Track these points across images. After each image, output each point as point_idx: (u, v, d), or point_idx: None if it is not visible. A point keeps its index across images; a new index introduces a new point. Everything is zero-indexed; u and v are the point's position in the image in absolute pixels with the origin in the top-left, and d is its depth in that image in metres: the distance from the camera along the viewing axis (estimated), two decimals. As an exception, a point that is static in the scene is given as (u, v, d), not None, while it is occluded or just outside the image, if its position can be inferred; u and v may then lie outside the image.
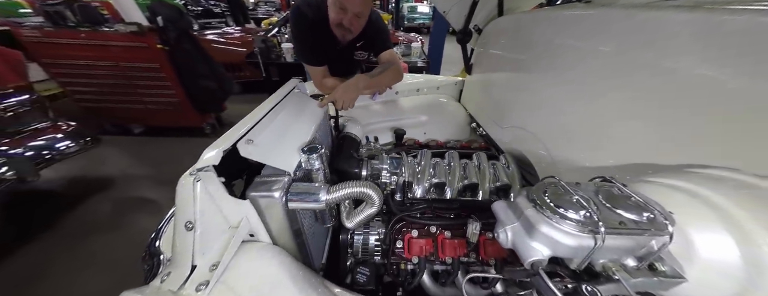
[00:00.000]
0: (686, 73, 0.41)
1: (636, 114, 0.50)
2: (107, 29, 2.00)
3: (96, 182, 2.09)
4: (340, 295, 0.53)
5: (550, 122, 0.76)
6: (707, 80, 0.39)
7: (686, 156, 0.41)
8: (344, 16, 0.97)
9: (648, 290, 0.30)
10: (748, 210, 0.28)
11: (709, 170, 0.35)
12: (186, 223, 0.42)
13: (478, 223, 0.64)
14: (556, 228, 0.29)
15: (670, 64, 0.43)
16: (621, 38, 0.52)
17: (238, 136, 0.50)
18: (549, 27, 0.76)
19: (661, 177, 0.37)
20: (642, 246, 0.30)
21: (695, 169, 0.36)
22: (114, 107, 2.44)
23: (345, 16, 0.97)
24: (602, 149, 0.58)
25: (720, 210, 0.29)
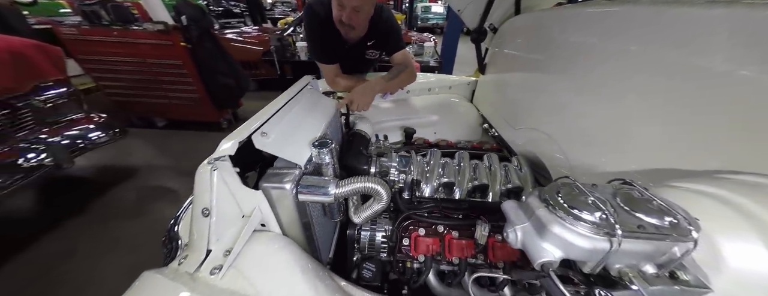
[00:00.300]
0: (720, 74, 0.39)
1: (663, 117, 0.47)
2: (137, 28, 2.13)
3: (122, 171, 2.23)
4: (346, 288, 0.54)
5: (568, 124, 0.73)
6: (744, 81, 0.36)
7: (718, 161, 0.38)
8: (343, 11, 0.97)
9: (669, 298, 0.28)
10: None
11: (744, 176, 0.32)
12: (203, 210, 0.44)
13: (487, 225, 0.62)
14: (568, 229, 0.28)
15: (703, 63, 0.41)
16: (648, 36, 0.50)
17: (254, 129, 0.52)
18: (570, 25, 0.73)
19: (688, 183, 0.35)
20: (663, 253, 0.28)
21: (727, 175, 0.34)
22: (140, 101, 2.59)
23: (343, 12, 0.96)
24: (625, 153, 0.55)
25: (754, 219, 0.27)
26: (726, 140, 0.38)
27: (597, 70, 0.62)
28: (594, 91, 0.64)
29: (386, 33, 1.10)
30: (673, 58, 0.45)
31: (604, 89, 0.61)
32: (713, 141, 0.39)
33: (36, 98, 1.45)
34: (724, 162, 0.37)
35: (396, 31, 1.12)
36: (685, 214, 0.28)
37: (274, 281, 0.42)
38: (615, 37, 0.57)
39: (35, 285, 1.32)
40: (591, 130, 0.65)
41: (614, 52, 0.58)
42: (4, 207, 1.75)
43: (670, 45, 0.46)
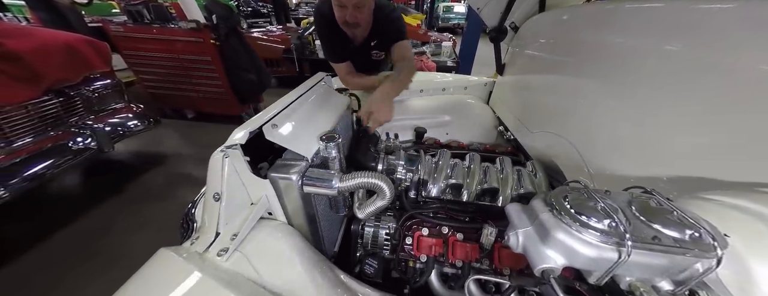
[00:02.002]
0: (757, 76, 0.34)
1: (700, 123, 0.43)
2: (173, 26, 2.30)
3: (153, 157, 2.42)
4: (346, 282, 0.55)
5: (590, 129, 0.69)
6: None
7: (760, 173, 0.34)
8: (345, 12, 0.96)
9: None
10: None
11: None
12: (214, 194, 0.47)
13: (494, 229, 0.60)
14: (573, 236, 0.26)
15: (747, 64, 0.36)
16: (694, 35, 0.45)
17: (265, 120, 0.54)
18: (602, 23, 0.68)
19: (722, 195, 0.31)
20: (682, 269, 0.25)
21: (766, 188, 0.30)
22: (173, 94, 2.80)
23: (346, 12, 0.96)
24: (653, 162, 0.51)
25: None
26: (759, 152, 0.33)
27: (628, 72, 0.58)
28: (622, 94, 0.59)
29: (385, 25, 1.06)
30: (715, 58, 0.40)
31: (634, 92, 0.56)
32: (755, 150, 0.35)
33: (86, 88, 1.61)
34: (755, 174, 0.32)
35: (395, 21, 1.07)
36: (710, 228, 0.25)
37: (275, 267, 0.43)
38: (651, 37, 0.52)
39: (77, 256, 1.48)
40: (616, 135, 0.60)
41: (649, 52, 0.53)
42: (53, 185, 1.98)
43: (711, 44, 0.41)
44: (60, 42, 1.43)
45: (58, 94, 1.51)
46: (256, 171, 0.51)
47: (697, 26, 0.44)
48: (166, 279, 0.38)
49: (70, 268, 1.41)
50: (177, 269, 0.39)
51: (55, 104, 1.50)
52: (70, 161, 1.54)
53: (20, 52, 1.29)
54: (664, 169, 0.48)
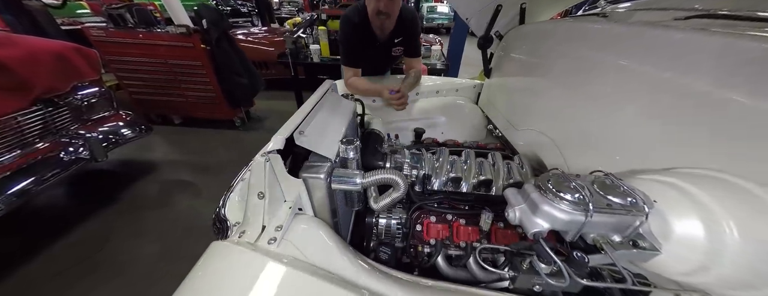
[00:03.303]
0: (684, 88, 0.47)
1: (644, 122, 0.56)
2: (160, 30, 2.26)
3: (145, 165, 2.37)
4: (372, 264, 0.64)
5: (565, 127, 0.82)
6: (699, 94, 0.45)
7: (679, 159, 0.47)
8: (380, 1, 1.12)
9: (629, 259, 0.37)
10: (719, 199, 0.35)
11: (693, 170, 0.41)
12: (258, 193, 0.54)
13: (490, 214, 0.72)
14: (554, 206, 0.37)
15: (670, 78, 0.49)
16: (631, 52, 0.58)
17: (294, 128, 0.62)
18: (568, 37, 0.81)
19: (653, 174, 0.44)
20: (627, 225, 0.37)
21: (684, 169, 0.42)
22: (159, 99, 2.73)
23: (381, 2, 1.12)
24: (613, 154, 0.64)
25: (695, 200, 0.36)
26: (686, 143, 0.46)
27: (589, 80, 0.71)
28: (586, 98, 0.72)
29: (411, 34, 1.29)
30: (650, 73, 0.53)
31: (596, 97, 0.69)
32: (677, 143, 0.48)
33: (75, 97, 1.57)
34: (683, 159, 0.45)
35: (418, 35, 1.32)
36: (643, 196, 0.37)
37: (317, 251, 0.52)
38: (605, 52, 0.66)
39: (79, 266, 1.45)
40: (586, 132, 0.73)
41: (604, 64, 0.66)
42: (42, 197, 1.90)
43: (648, 61, 0.54)
44: (48, 50, 1.40)
45: (47, 103, 1.46)
46: (292, 173, 0.59)
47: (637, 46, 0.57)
48: (233, 265, 0.45)
49: (78, 278, 1.39)
50: (240, 256, 0.46)
51: (44, 114, 1.46)
52: (62, 172, 1.51)
53: (7, 61, 1.25)
54: (616, 157, 0.61)
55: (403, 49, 1.36)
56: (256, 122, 3.25)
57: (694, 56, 0.48)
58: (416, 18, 1.28)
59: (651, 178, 0.43)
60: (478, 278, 0.69)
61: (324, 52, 2.17)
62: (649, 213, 0.36)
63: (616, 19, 0.68)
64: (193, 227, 1.76)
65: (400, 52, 1.37)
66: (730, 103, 0.41)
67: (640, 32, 0.57)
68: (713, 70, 0.45)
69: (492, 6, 1.05)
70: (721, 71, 0.44)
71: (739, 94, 0.41)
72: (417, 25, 1.29)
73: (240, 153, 2.57)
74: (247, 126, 3.11)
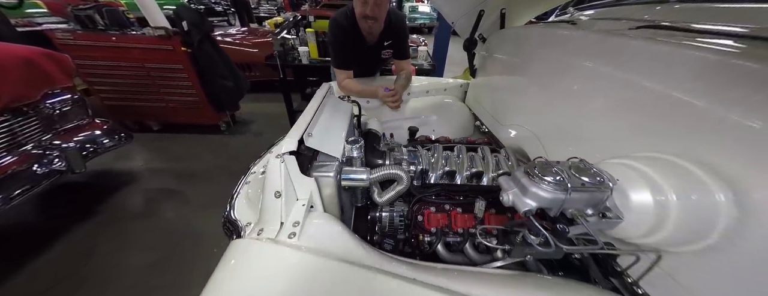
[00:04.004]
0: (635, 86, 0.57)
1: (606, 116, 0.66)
2: (135, 33, 2.14)
3: (124, 175, 2.25)
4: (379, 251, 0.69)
5: (544, 122, 0.92)
6: (647, 90, 0.55)
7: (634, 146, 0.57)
8: (366, 6, 1.15)
9: (599, 228, 0.46)
10: (663, 175, 0.44)
11: (646, 153, 0.50)
12: (275, 193, 0.58)
13: (483, 202, 0.80)
14: (540, 188, 0.45)
15: (626, 77, 0.59)
16: (596, 56, 0.68)
17: (303, 131, 0.65)
18: (543, 42, 0.91)
19: (615, 159, 0.53)
20: (597, 200, 0.45)
21: (638, 153, 0.52)
22: (137, 105, 2.59)
23: (367, 6, 1.15)
24: (584, 143, 0.74)
25: (646, 177, 0.45)
26: (640, 134, 0.56)
27: (562, 79, 0.81)
28: (560, 96, 0.82)
29: (400, 37, 1.33)
30: (610, 73, 0.63)
31: (567, 94, 0.79)
32: (633, 134, 0.58)
33: (46, 105, 1.47)
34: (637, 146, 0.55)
35: (407, 37, 1.37)
36: (608, 176, 0.45)
37: (334, 242, 0.56)
38: (574, 55, 0.76)
39: (65, 282, 1.37)
40: (560, 126, 0.83)
41: (574, 66, 0.76)
42: (21, 212, 1.76)
43: (609, 63, 0.64)
44: (16, 56, 1.30)
45: (15, 113, 1.36)
46: (304, 172, 0.63)
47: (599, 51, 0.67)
48: (261, 259, 0.49)
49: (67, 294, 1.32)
50: (266, 250, 0.50)
51: (11, 125, 1.36)
52: (33, 188, 1.41)
53: (-33, 68, 1.16)
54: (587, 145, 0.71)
55: (392, 52, 1.40)
56: (243, 126, 3.18)
57: (643, 60, 0.58)
58: (404, 21, 1.33)
59: (614, 162, 0.53)
60: (474, 260, 0.77)
61: (313, 54, 2.17)
62: (613, 189, 0.44)
63: (583, 27, 0.78)
64: (186, 236, 1.71)
65: (390, 54, 1.42)
66: (669, 97, 0.51)
67: (602, 39, 0.67)
68: (657, 72, 0.55)
69: (475, 11, 1.14)
70: (662, 72, 0.54)
71: (677, 91, 0.51)
72: (405, 28, 1.34)
73: (228, 159, 2.51)
74: (234, 130, 3.03)
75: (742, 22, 0.58)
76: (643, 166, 0.47)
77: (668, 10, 0.74)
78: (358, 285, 0.46)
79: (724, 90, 0.46)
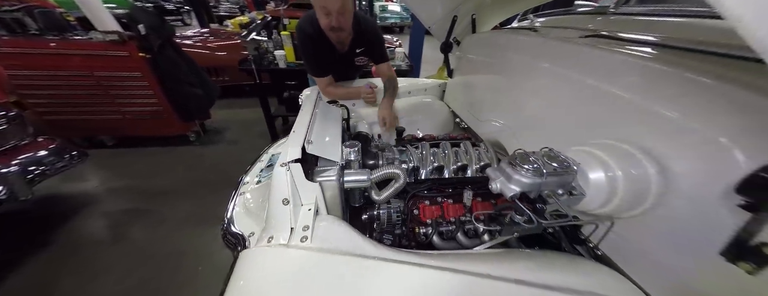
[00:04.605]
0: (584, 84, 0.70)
1: (565, 109, 0.79)
2: (80, 38, 1.90)
3: (80, 198, 2.00)
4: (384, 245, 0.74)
5: (516, 116, 1.04)
6: (596, 89, 0.67)
7: (591, 135, 0.69)
8: (330, 18, 1.09)
9: (568, 204, 0.56)
10: (612, 157, 0.55)
11: (601, 141, 0.62)
12: (282, 200, 0.60)
13: (471, 191, 0.89)
14: (521, 174, 0.54)
15: (577, 78, 0.71)
16: (554, 59, 0.80)
17: (302, 139, 0.68)
18: (511, 46, 1.03)
19: (576, 146, 0.64)
20: (565, 182, 0.55)
21: (592, 141, 0.64)
22: (84, 119, 2.30)
23: (332, 18, 1.09)
24: (549, 132, 0.86)
25: (600, 160, 0.56)
26: (591, 123, 0.69)
27: (529, 79, 0.93)
28: (528, 93, 0.94)
29: (372, 43, 1.28)
30: (567, 74, 0.76)
31: (533, 92, 0.91)
32: (586, 123, 0.70)
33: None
34: (589, 133, 0.67)
35: (382, 42, 1.31)
36: (572, 161, 0.56)
37: (343, 241, 0.60)
38: (536, 58, 0.88)
39: None
40: (530, 120, 0.96)
41: (538, 67, 0.88)
42: None
43: (565, 66, 0.77)
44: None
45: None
46: (308, 178, 0.66)
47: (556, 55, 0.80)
48: (278, 264, 0.51)
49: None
50: (282, 256, 0.52)
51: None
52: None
53: None
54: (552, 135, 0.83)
55: (366, 59, 1.38)
56: (215, 134, 2.98)
57: (589, 63, 0.70)
58: (375, 26, 1.28)
59: (575, 149, 0.64)
60: (465, 245, 0.86)
61: (290, 58, 2.12)
62: (576, 171, 0.55)
63: (543, 34, 0.91)
64: (167, 256, 1.59)
65: (364, 61, 1.40)
66: (611, 94, 0.64)
67: (559, 46, 0.79)
68: (600, 73, 0.68)
69: (449, 16, 1.23)
70: (604, 73, 0.67)
71: (615, 88, 0.64)
72: (377, 33, 1.29)
73: (203, 170, 2.35)
74: (205, 139, 2.84)
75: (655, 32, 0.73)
76: (596, 151, 0.58)
77: (606, 21, 0.90)
78: (375, 273, 0.50)
79: (647, 87, 0.59)
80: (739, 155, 0.43)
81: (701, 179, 0.47)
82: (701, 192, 0.47)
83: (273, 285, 0.49)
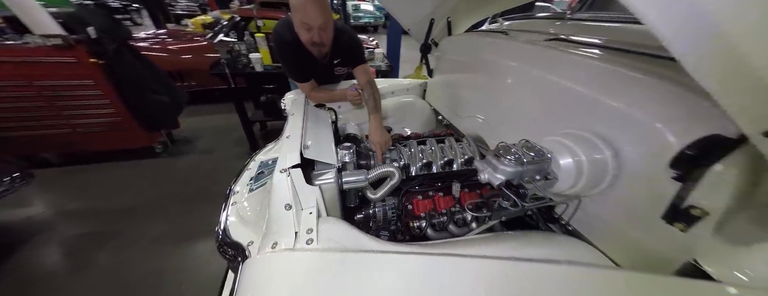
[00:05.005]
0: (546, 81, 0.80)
1: (535, 104, 0.89)
2: (12, 43, 1.65)
3: (30, 225, 1.76)
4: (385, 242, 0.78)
5: (493, 112, 1.14)
6: (559, 85, 0.77)
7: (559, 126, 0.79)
8: (312, 33, 1.05)
9: (544, 188, 0.64)
10: (577, 144, 0.65)
11: (569, 130, 0.72)
12: (285, 205, 0.61)
13: (459, 184, 0.96)
14: (505, 164, 0.61)
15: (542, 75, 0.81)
16: (523, 59, 0.90)
17: (299, 143, 0.69)
18: (485, 48, 1.13)
19: (548, 136, 0.73)
20: (541, 168, 0.64)
21: (561, 130, 0.74)
22: (23, 135, 2.01)
23: (313, 33, 1.05)
24: (523, 125, 0.96)
25: (568, 147, 0.65)
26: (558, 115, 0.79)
27: (502, 77, 1.02)
28: (502, 91, 1.04)
29: (348, 49, 1.24)
30: (534, 72, 0.85)
31: (507, 90, 1.01)
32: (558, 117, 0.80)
33: None
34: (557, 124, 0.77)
35: (356, 47, 1.26)
36: (547, 149, 0.64)
37: (349, 239, 0.62)
38: (509, 58, 0.97)
39: None
40: (506, 114, 1.05)
41: (510, 67, 0.98)
42: None
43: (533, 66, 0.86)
44: None
45: None
46: (310, 181, 0.67)
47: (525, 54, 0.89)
48: (287, 269, 0.52)
49: None
50: (290, 260, 0.53)
51: None
52: None
53: None
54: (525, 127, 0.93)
55: (346, 69, 1.36)
56: (185, 144, 2.77)
57: (553, 63, 0.81)
58: (353, 37, 1.24)
59: (547, 139, 0.73)
60: (456, 234, 0.93)
61: (266, 60, 2.03)
62: (550, 159, 0.63)
63: (514, 37, 1.01)
64: (143, 277, 1.47)
65: (344, 71, 1.38)
66: (572, 90, 0.74)
67: (528, 47, 0.89)
68: (562, 72, 0.78)
69: (427, 19, 1.29)
70: (565, 72, 0.77)
71: (575, 85, 0.74)
72: (356, 43, 1.25)
73: (176, 184, 2.18)
74: (174, 150, 2.63)
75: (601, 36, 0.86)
76: (564, 139, 0.67)
77: (564, 25, 1.03)
78: (381, 265, 0.54)
79: (598, 83, 0.70)
80: (670, 137, 0.54)
81: (645, 159, 0.58)
82: (646, 170, 0.58)
83: (287, 290, 0.50)
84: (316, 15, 0.99)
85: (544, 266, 0.50)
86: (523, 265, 0.53)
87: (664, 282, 0.50)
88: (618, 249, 0.66)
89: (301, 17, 0.99)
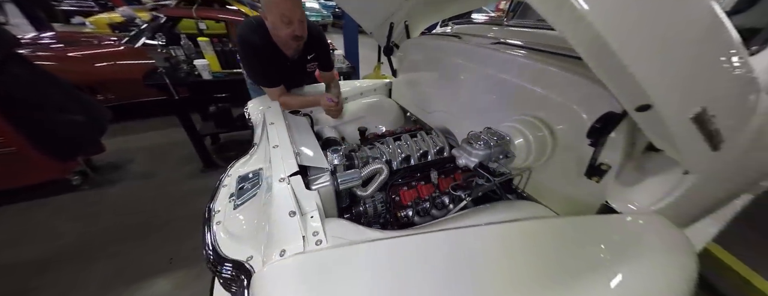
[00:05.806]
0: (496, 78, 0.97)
1: (488, 97, 1.06)
2: None
3: None
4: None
5: (456, 105, 1.30)
6: (505, 81, 0.95)
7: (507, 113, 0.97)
8: (293, 26, 1.08)
9: (507, 165, 0.80)
10: (525, 127, 0.82)
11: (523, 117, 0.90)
12: (289, 213, 0.62)
13: (436, 171, 1.08)
14: (477, 149, 0.74)
15: (492, 73, 0.99)
16: (476, 60, 1.06)
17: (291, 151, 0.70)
18: (443, 50, 1.27)
19: (505, 122, 0.90)
20: (503, 149, 0.79)
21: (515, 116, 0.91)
22: None
23: (292, 27, 1.08)
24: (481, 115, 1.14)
25: (520, 131, 0.82)
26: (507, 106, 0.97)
27: (459, 75, 1.18)
28: (460, 86, 1.20)
29: (323, 50, 1.33)
30: (486, 71, 1.02)
31: (465, 85, 1.17)
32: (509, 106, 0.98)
33: None
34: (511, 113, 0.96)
35: (328, 47, 1.37)
36: (505, 133, 0.80)
37: (354, 233, 0.67)
38: (464, 59, 1.13)
39: None
40: (467, 107, 1.22)
41: (465, 66, 1.14)
42: None
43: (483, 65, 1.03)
44: None
45: None
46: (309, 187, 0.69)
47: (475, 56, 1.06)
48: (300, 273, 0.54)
49: None
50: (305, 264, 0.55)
51: None
52: None
53: None
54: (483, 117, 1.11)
55: (317, 64, 1.41)
56: (113, 171, 2.29)
57: (499, 63, 0.98)
58: (321, 31, 1.35)
59: (503, 125, 0.90)
60: (437, 216, 1.06)
61: (214, 67, 1.83)
62: (508, 140, 0.79)
63: (466, 41, 1.17)
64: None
65: (315, 67, 1.42)
66: (515, 84, 0.92)
67: (479, 49, 1.05)
68: (505, 69, 0.96)
69: (387, 23, 1.38)
70: (508, 69, 0.95)
71: (516, 79, 0.92)
72: (325, 39, 1.35)
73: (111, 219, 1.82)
74: (99, 180, 2.16)
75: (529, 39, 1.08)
76: (516, 124, 0.85)
77: (501, 31, 1.24)
78: (388, 249, 0.60)
79: (531, 77, 0.89)
80: (584, 115, 0.74)
81: (571, 133, 0.78)
82: (572, 141, 0.78)
83: (309, 288, 0.53)
84: (294, 7, 1.04)
85: (508, 224, 0.64)
86: (497, 227, 0.66)
87: (589, 219, 0.70)
88: (559, 204, 0.87)
89: (281, 12, 1.01)
